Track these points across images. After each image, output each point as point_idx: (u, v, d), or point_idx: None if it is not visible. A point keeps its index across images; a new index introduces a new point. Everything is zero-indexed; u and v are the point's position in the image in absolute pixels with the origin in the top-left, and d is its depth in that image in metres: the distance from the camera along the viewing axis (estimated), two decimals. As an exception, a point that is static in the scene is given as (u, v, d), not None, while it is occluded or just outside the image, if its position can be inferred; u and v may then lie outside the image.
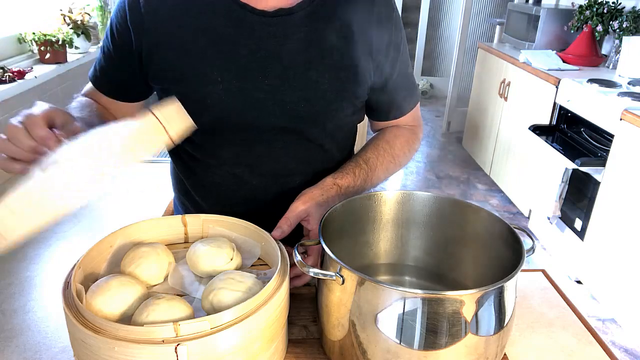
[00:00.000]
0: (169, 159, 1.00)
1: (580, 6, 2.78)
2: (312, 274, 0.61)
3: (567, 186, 2.29)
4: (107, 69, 0.88)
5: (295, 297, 0.74)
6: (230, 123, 0.84)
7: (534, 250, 0.65)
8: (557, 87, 2.42)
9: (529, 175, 2.62)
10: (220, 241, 0.72)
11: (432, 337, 0.56)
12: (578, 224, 2.24)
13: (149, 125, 0.56)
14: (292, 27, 0.80)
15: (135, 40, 0.81)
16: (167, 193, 1.23)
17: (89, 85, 0.93)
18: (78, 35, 2.19)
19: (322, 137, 0.89)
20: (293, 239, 0.73)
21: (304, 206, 0.78)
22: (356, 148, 1.04)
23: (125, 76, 0.87)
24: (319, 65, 0.81)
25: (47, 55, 1.98)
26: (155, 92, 0.91)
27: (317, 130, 0.87)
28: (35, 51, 2.02)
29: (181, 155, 0.94)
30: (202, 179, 0.92)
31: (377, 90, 0.89)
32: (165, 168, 1.10)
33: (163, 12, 0.80)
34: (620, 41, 2.54)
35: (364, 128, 1.05)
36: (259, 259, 0.76)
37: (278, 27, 0.80)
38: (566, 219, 2.34)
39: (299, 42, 0.80)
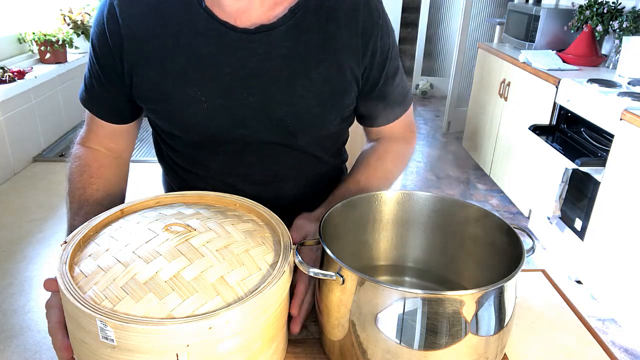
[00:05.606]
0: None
1: (580, 6, 2.78)
2: (312, 274, 0.61)
3: (567, 186, 2.29)
4: (99, 93, 0.86)
5: (295, 297, 0.73)
6: (217, 139, 0.84)
7: (534, 250, 0.65)
8: (557, 87, 2.42)
9: (529, 175, 2.62)
10: None
11: (432, 337, 0.56)
12: (578, 224, 2.24)
13: None
14: (274, 43, 0.78)
15: (117, 61, 0.80)
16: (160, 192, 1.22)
17: (84, 124, 0.91)
18: (78, 35, 2.19)
19: (311, 146, 0.88)
20: None
21: (309, 224, 0.78)
22: (349, 147, 1.04)
23: (118, 99, 0.85)
24: (303, 79, 0.80)
25: (47, 55, 1.98)
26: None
27: (306, 141, 0.87)
28: (35, 51, 2.02)
29: (171, 166, 0.94)
30: (194, 188, 0.91)
31: (366, 97, 0.87)
32: (156, 168, 1.09)
33: (141, 33, 0.78)
34: (620, 41, 2.54)
35: (358, 127, 1.04)
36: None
37: (260, 44, 0.78)
38: (566, 219, 2.34)
39: (281, 57, 0.79)
